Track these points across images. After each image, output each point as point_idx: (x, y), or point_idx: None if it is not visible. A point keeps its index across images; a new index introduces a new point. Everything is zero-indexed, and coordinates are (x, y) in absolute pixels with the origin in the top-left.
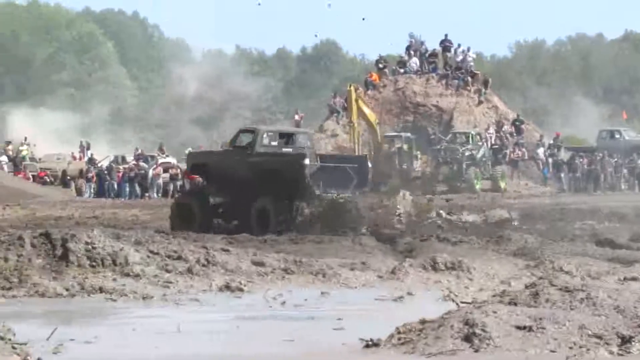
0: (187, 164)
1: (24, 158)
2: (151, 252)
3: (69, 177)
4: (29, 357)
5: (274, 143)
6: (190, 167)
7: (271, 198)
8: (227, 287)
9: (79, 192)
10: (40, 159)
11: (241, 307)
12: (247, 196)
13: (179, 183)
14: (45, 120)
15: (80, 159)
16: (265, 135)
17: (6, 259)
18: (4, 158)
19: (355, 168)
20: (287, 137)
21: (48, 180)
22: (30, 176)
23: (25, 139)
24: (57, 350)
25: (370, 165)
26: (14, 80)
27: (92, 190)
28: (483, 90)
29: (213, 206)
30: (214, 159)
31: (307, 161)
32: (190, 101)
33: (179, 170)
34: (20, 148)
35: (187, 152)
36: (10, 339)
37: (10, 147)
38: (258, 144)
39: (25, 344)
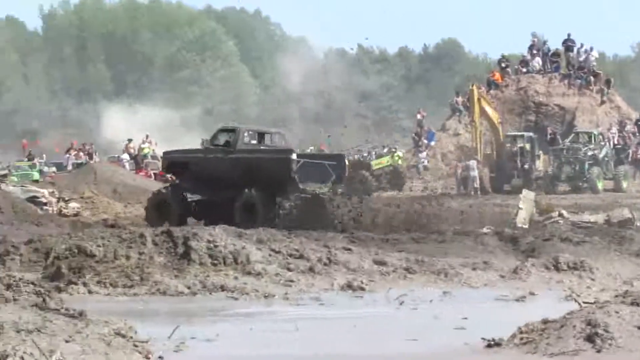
0: (162, 163)
1: (145, 156)
2: (273, 250)
3: None
4: (150, 355)
5: (253, 141)
6: (166, 166)
7: (258, 192)
8: (349, 286)
9: None
10: (161, 157)
11: (363, 307)
12: (229, 192)
13: None
14: (165, 117)
15: None
16: (245, 134)
17: (128, 257)
18: (126, 156)
19: (333, 165)
20: (264, 137)
21: (170, 178)
22: (152, 174)
23: (147, 137)
24: (179, 348)
25: (347, 162)
26: (135, 78)
27: None
28: (605, 90)
29: (189, 203)
30: (192, 157)
31: (294, 156)
32: (311, 99)
33: None
34: (142, 146)
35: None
36: (132, 337)
37: (132, 145)
38: (239, 142)
39: (147, 341)
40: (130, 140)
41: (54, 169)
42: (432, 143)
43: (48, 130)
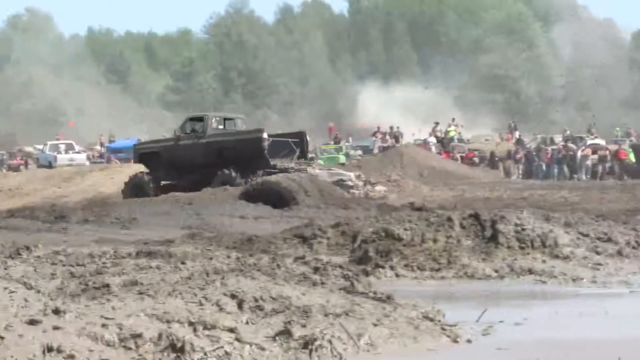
0: (134, 155)
1: (451, 139)
2: (581, 233)
3: (497, 158)
4: (458, 339)
5: (221, 127)
6: (138, 157)
7: (234, 170)
8: None
9: (507, 173)
10: (468, 140)
11: None
12: (200, 174)
13: (607, 165)
14: (469, 101)
15: (508, 140)
16: (213, 120)
17: (435, 240)
18: (432, 139)
19: (296, 142)
20: (228, 122)
21: (476, 161)
22: (458, 157)
23: (453, 120)
24: (486, 332)
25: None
26: (439, 61)
27: (520, 172)
28: None
29: (163, 186)
30: (163, 146)
31: (265, 135)
32: (618, 82)
33: (607, 152)
34: (448, 129)
35: None
36: (439, 320)
37: (438, 128)
38: (209, 128)
39: (455, 325)
40: (437, 124)
41: (360, 152)
42: None
43: (353, 112)
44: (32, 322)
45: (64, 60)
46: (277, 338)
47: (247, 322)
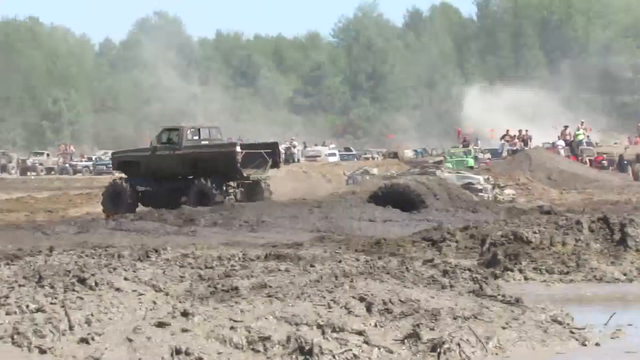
0: (112, 163)
1: (580, 142)
2: None
3: (626, 162)
4: (587, 342)
5: (195, 137)
6: (116, 165)
7: (209, 181)
8: None
9: (636, 176)
10: (597, 144)
11: None
12: (176, 183)
13: None
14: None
15: (636, 143)
16: (188, 132)
17: (564, 243)
18: (561, 142)
19: (269, 152)
20: (204, 131)
21: (605, 164)
22: (587, 160)
23: (582, 123)
24: (615, 335)
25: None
26: (569, 64)
27: None
28: None
29: (140, 193)
30: (141, 156)
31: (238, 149)
32: None
33: None
34: (577, 132)
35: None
36: (568, 324)
37: (567, 131)
38: (184, 139)
39: (583, 328)
40: (566, 127)
41: (488, 155)
42: None
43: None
44: (161, 325)
45: (192, 64)
46: (405, 341)
47: (375, 325)
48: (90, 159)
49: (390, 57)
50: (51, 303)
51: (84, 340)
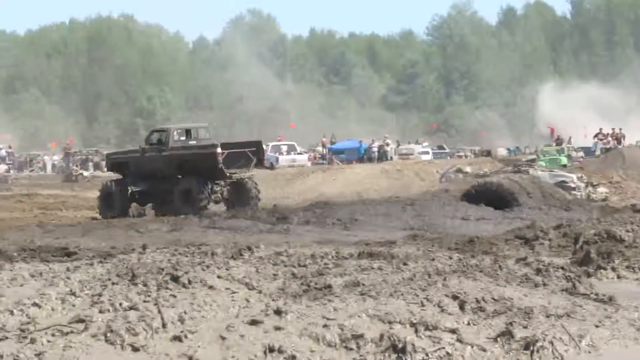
0: (106, 163)
1: None
2: None
3: None
4: None
5: (183, 138)
6: (109, 166)
7: (193, 181)
8: None
9: None
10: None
11: None
12: (166, 182)
13: None
14: None
15: None
16: (175, 133)
17: None
18: None
19: (253, 151)
20: (190, 132)
21: None
22: None
23: None
24: None
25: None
26: None
27: None
28: None
29: (131, 193)
30: (131, 157)
31: (219, 150)
32: None
33: None
34: None
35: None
36: None
37: None
38: (170, 140)
39: None
40: None
41: (581, 153)
42: None
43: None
44: (254, 323)
45: (286, 62)
46: (498, 339)
47: (468, 323)
48: None
49: (484, 55)
50: (144, 301)
51: (176, 338)
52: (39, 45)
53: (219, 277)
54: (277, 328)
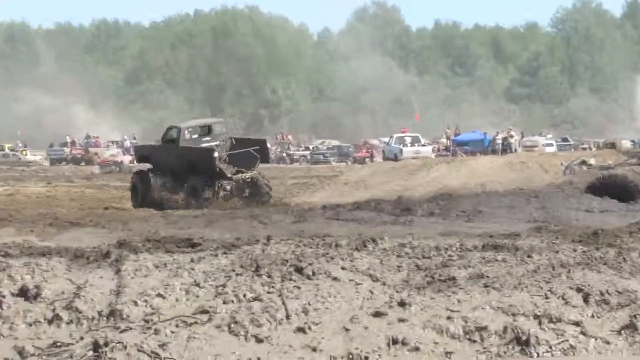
0: (134, 154)
1: None
2: None
3: None
4: None
5: (195, 136)
6: (138, 157)
7: (198, 179)
8: None
9: None
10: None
11: None
12: (182, 178)
13: None
14: None
15: None
16: (186, 132)
17: None
18: None
19: (258, 149)
20: (205, 128)
21: None
22: None
23: None
24: None
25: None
26: None
27: None
28: None
29: (153, 186)
30: (150, 151)
31: (215, 154)
32: None
33: None
34: None
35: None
36: None
37: None
38: (182, 139)
39: None
40: None
41: None
42: None
43: None
44: (378, 314)
45: (410, 53)
46: (622, 332)
47: (592, 316)
48: (307, 149)
49: (608, 47)
50: (268, 292)
51: (300, 330)
52: (163, 36)
53: (343, 268)
54: (401, 320)
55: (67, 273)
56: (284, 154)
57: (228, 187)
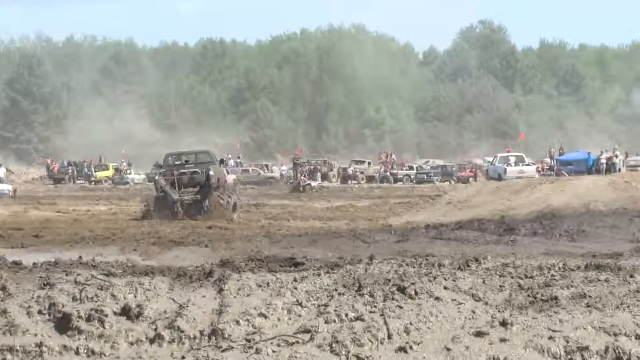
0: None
1: None
2: None
3: None
4: None
5: (177, 162)
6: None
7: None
8: None
9: None
10: None
11: None
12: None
13: None
14: None
15: None
16: (169, 158)
17: None
18: None
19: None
20: (189, 156)
21: None
22: None
23: None
24: None
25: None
26: None
27: None
28: None
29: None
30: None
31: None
32: None
33: None
34: None
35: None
36: None
37: None
38: (165, 164)
39: None
40: None
41: None
42: None
43: None
44: (479, 334)
45: (516, 73)
46: None
47: None
48: (411, 168)
49: None
50: (370, 312)
51: (402, 349)
52: (269, 55)
53: (445, 288)
54: (503, 339)
55: (170, 292)
56: (388, 173)
57: (207, 203)
